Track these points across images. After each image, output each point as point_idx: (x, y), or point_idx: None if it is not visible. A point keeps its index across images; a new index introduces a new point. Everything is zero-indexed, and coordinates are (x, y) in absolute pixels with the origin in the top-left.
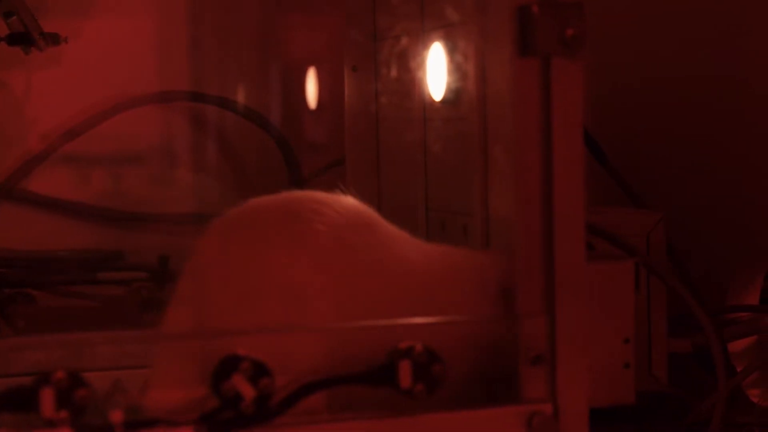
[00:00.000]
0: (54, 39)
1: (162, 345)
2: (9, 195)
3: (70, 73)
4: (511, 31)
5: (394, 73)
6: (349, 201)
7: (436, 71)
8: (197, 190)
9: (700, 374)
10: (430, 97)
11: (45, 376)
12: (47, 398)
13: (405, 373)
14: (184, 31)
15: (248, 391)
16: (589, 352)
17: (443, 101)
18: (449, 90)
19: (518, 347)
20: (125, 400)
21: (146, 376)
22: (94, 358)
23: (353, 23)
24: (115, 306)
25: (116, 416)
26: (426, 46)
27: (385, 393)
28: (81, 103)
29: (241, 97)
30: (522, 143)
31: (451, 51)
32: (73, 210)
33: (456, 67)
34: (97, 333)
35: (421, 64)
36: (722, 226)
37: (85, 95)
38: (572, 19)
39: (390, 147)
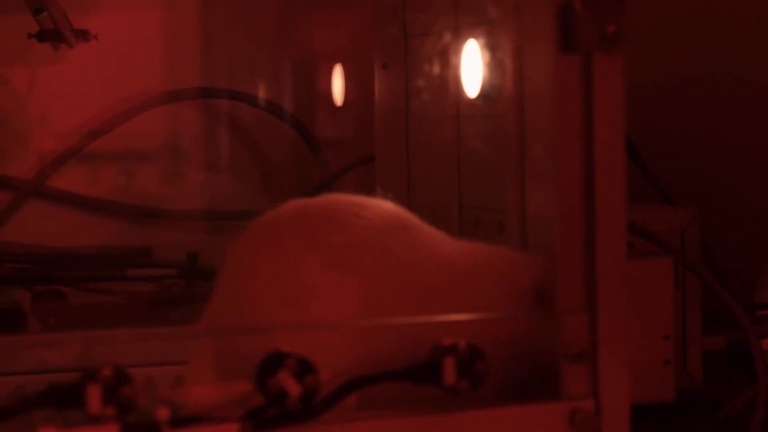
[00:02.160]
0: (84, 35)
1: (199, 342)
2: (36, 192)
3: (93, 70)
4: (553, 27)
5: (425, 70)
6: (388, 204)
7: (471, 68)
8: (224, 187)
9: (731, 372)
10: (465, 94)
11: (91, 372)
12: (94, 395)
13: (449, 370)
14: (212, 29)
15: (294, 388)
16: (630, 349)
17: (479, 98)
18: (485, 86)
19: (559, 344)
20: (158, 397)
21: (177, 373)
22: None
23: (383, 20)
24: (145, 303)
25: (162, 413)
26: (460, 42)
27: (425, 390)
28: (109, 99)
29: (267, 93)
30: (563, 140)
31: (487, 47)
32: (100, 207)
33: (492, 64)
34: (135, 329)
35: (455, 61)
36: (753, 224)
37: (109, 91)
38: (613, 16)
39: (421, 144)
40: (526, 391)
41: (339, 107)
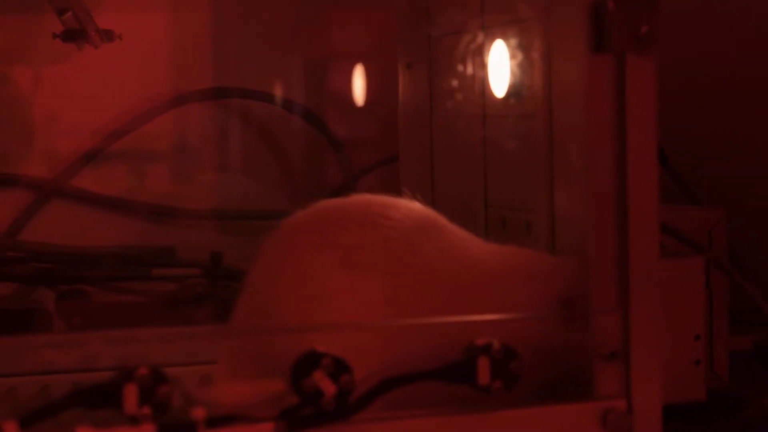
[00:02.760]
0: (109, 36)
1: (230, 341)
2: (59, 191)
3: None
4: (585, 27)
5: (450, 69)
6: (416, 205)
7: (498, 67)
8: (246, 188)
9: (757, 371)
10: (492, 94)
11: (128, 371)
12: (131, 394)
13: (483, 370)
14: (231, 28)
15: (329, 388)
16: (661, 349)
17: (506, 97)
18: (513, 86)
19: (592, 344)
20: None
21: (203, 373)
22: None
23: (407, 20)
24: (170, 302)
25: (198, 413)
26: (487, 42)
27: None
28: (127, 101)
29: (289, 93)
30: (595, 140)
31: (516, 47)
32: (120, 206)
33: (521, 63)
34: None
35: (481, 61)
36: None
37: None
38: (646, 16)
39: (445, 143)
40: (555, 392)
41: (361, 107)
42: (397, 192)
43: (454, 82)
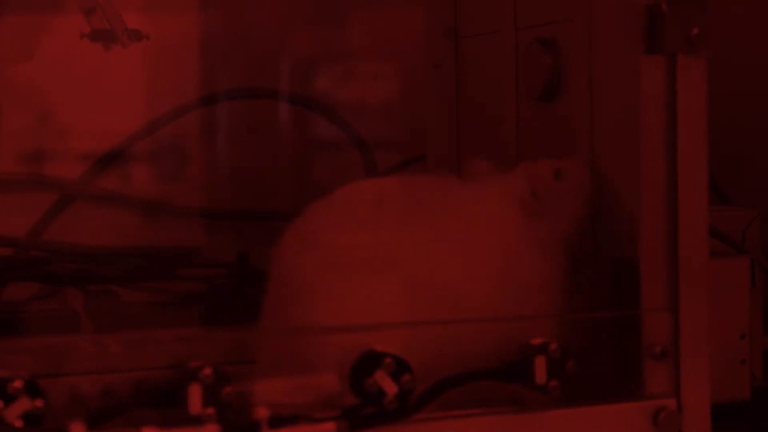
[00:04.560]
0: (137, 35)
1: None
2: (83, 192)
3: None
4: (639, 28)
5: (480, 70)
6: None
7: (532, 68)
8: (270, 187)
9: None
10: (525, 95)
11: (192, 371)
12: (195, 394)
13: (540, 369)
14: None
15: (391, 388)
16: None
17: (540, 98)
18: (550, 87)
19: (643, 343)
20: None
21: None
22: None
23: (434, 21)
24: (197, 302)
25: (262, 413)
26: (520, 43)
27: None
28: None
29: (315, 94)
30: (647, 140)
31: (552, 48)
32: (144, 207)
33: (559, 64)
34: (215, 329)
35: (513, 62)
36: None
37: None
38: (698, 18)
39: (473, 143)
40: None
41: (387, 107)
42: None
43: (483, 83)
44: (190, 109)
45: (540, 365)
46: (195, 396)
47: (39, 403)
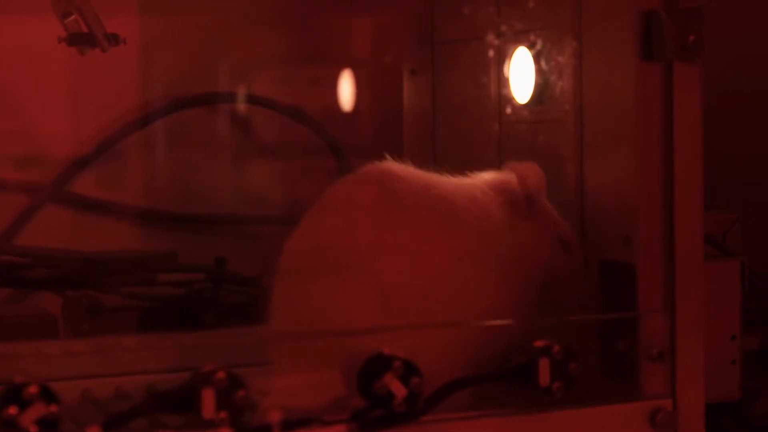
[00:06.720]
0: (115, 39)
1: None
2: (55, 197)
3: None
4: (636, 36)
5: (458, 76)
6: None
7: (518, 74)
8: (246, 192)
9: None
10: (510, 100)
11: (205, 376)
12: (208, 399)
13: (544, 371)
14: (230, 33)
15: (400, 390)
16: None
17: (528, 104)
18: (536, 93)
19: (640, 344)
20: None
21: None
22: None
23: (411, 26)
24: (177, 307)
25: (274, 416)
26: (504, 48)
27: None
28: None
29: (291, 99)
30: (644, 145)
31: (540, 54)
32: (117, 211)
33: (546, 70)
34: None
35: (496, 67)
36: None
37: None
38: (693, 25)
39: (452, 148)
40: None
41: (363, 113)
42: None
43: (462, 89)
44: (160, 116)
45: (544, 367)
46: (208, 400)
47: (54, 408)
